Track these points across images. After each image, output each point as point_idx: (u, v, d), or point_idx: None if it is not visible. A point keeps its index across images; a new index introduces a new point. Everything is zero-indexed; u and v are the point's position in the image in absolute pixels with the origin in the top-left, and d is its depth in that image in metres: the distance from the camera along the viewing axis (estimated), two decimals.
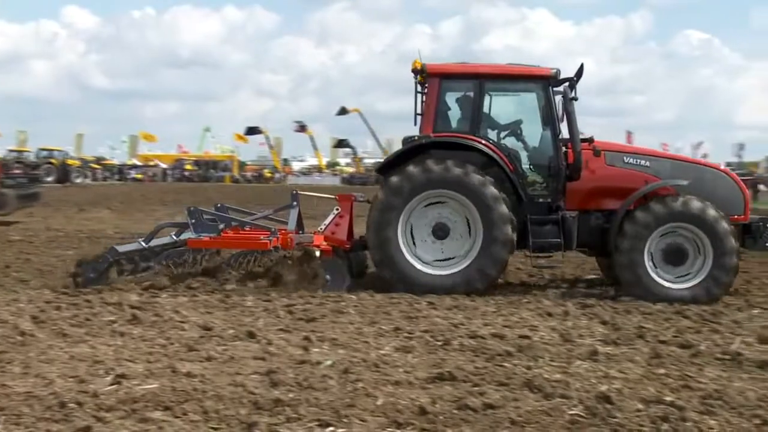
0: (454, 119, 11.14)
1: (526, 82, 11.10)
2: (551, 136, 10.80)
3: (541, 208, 10.76)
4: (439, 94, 10.88)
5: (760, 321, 8.65)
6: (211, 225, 10.88)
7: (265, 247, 10.39)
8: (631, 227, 10.22)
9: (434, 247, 10.57)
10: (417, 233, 10.55)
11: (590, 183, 10.79)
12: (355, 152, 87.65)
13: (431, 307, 9.20)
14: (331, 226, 10.94)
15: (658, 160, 11.07)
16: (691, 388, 5.91)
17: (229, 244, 10.86)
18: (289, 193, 11.94)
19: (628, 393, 5.75)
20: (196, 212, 10.89)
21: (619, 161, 10.92)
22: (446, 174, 10.27)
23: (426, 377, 6.16)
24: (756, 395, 5.71)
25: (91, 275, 10.32)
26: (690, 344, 7.37)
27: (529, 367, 6.48)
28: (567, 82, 10.83)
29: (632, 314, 8.98)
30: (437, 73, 10.91)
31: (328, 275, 10.33)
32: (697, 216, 10.16)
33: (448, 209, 10.53)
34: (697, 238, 10.21)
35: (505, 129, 11.24)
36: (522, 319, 8.57)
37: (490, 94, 11.00)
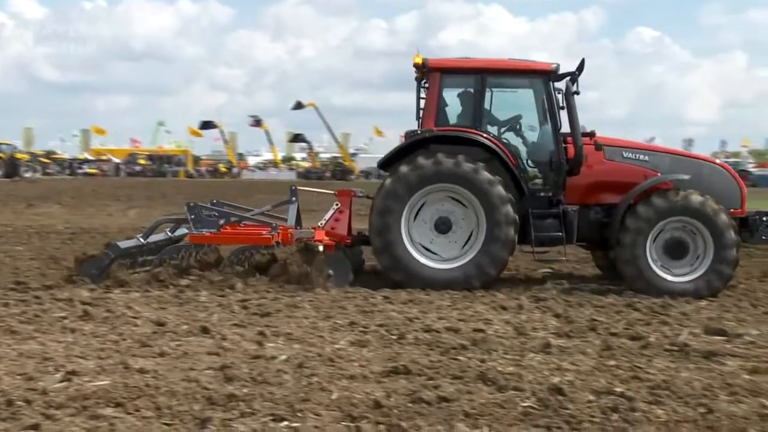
0: (455, 113, 11.16)
1: (528, 77, 11.12)
2: (552, 130, 10.85)
3: (542, 202, 10.82)
4: (441, 88, 10.88)
5: (707, 312, 8.85)
6: (211, 220, 10.81)
7: (268, 242, 10.38)
8: (633, 222, 10.29)
9: (436, 241, 10.57)
10: (419, 227, 10.56)
11: (590, 177, 10.88)
12: (310, 147, 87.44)
13: (387, 302, 9.22)
14: (331, 222, 10.93)
15: (656, 155, 11.18)
16: (640, 379, 6.01)
17: (232, 239, 10.87)
18: (243, 187, 11.87)
19: (579, 385, 5.83)
20: (195, 208, 10.81)
21: (618, 156, 10.99)
22: (456, 169, 10.26)
23: (381, 371, 6.18)
24: (701, 385, 5.84)
25: (93, 272, 10.22)
26: (640, 336, 7.49)
27: (483, 360, 6.53)
28: (568, 76, 10.83)
29: (585, 307, 9.10)
30: (438, 68, 10.91)
31: (331, 270, 10.31)
32: (698, 210, 10.24)
33: (450, 203, 10.55)
34: (698, 232, 10.31)
35: (506, 123, 11.27)
36: (476, 313, 8.63)
37: (491, 89, 11.00)
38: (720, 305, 9.31)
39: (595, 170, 10.88)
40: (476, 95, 10.83)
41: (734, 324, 8.17)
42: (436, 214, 10.56)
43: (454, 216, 10.54)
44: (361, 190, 11.50)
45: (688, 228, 10.35)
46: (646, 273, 10.28)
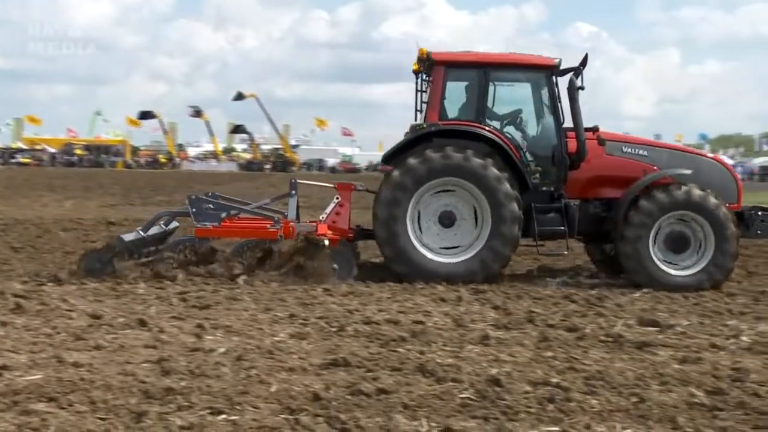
0: (459, 107, 11.15)
1: (531, 71, 11.15)
2: (555, 124, 10.88)
3: (545, 197, 10.87)
4: (444, 82, 10.84)
5: (641, 304, 9.05)
6: (212, 213, 10.68)
7: (274, 236, 10.32)
8: (636, 216, 10.36)
9: (440, 235, 10.58)
10: (423, 221, 10.55)
11: (590, 172, 10.93)
12: (252, 138, 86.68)
13: (327, 294, 9.22)
14: (332, 215, 10.83)
15: (655, 150, 11.31)
16: (576, 370, 6.12)
17: (237, 232, 10.83)
18: (183, 178, 11.73)
19: (517, 376, 5.91)
20: (197, 201, 10.70)
21: (618, 150, 11.07)
22: (465, 164, 10.25)
23: (320, 363, 6.17)
24: (634, 375, 5.97)
25: (97, 265, 10.07)
26: (576, 327, 7.62)
27: (423, 352, 6.57)
28: (571, 71, 10.88)
29: (523, 299, 9.23)
30: (443, 62, 10.88)
31: (335, 264, 10.31)
32: (700, 204, 10.36)
33: (455, 198, 10.55)
34: (698, 226, 10.44)
35: (510, 117, 11.29)
36: (416, 305, 8.68)
37: (494, 83, 10.96)
38: (653, 297, 9.52)
39: (595, 165, 10.93)
40: (480, 89, 10.84)
41: (666, 315, 8.37)
42: (440, 208, 10.58)
43: (458, 210, 10.57)
44: (362, 184, 11.42)
45: (689, 222, 10.49)
46: (649, 267, 10.39)
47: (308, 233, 10.31)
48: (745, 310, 8.79)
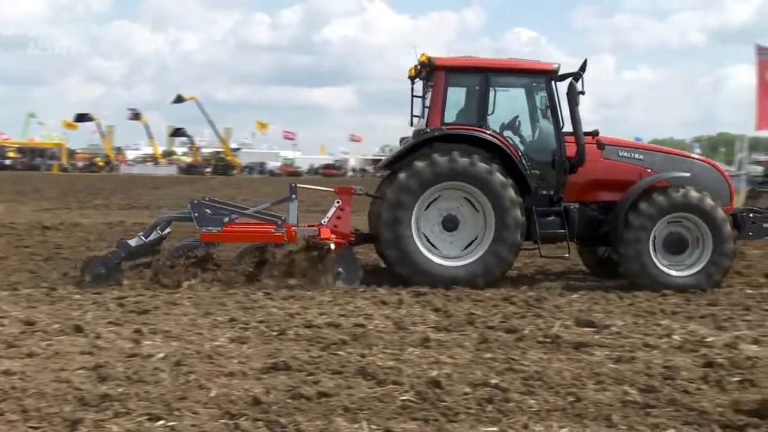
0: (459, 112, 11.20)
1: (531, 77, 11.21)
2: (554, 129, 10.99)
3: (544, 200, 10.96)
4: (446, 87, 10.90)
5: (578, 305, 9.20)
6: (214, 218, 10.56)
7: (280, 240, 10.30)
8: (636, 219, 10.52)
9: (445, 239, 10.64)
10: (427, 224, 10.60)
11: (588, 176, 11.07)
12: (192, 141, 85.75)
13: (267, 298, 9.17)
14: (333, 220, 10.77)
15: (651, 154, 11.53)
16: (514, 371, 6.20)
17: (243, 237, 10.76)
18: (121, 181, 11.54)
19: (457, 377, 5.96)
20: (199, 205, 10.59)
21: (614, 154, 11.23)
22: (471, 169, 10.33)
23: (260, 367, 6.14)
24: (571, 374, 6.08)
25: (102, 271, 9.91)
26: (515, 329, 7.71)
27: (363, 355, 6.59)
28: (570, 76, 10.97)
29: (463, 302, 9.31)
30: (444, 67, 10.93)
31: (341, 269, 10.28)
32: (697, 206, 10.57)
33: (457, 201, 10.62)
34: (696, 227, 10.63)
35: (510, 122, 11.34)
36: (357, 308, 8.69)
37: (495, 88, 11.02)
38: (590, 298, 9.69)
39: (593, 168, 11.05)
40: (481, 94, 10.94)
41: (602, 316, 8.53)
42: (444, 211, 10.64)
43: (462, 214, 10.64)
44: (361, 188, 11.35)
45: (687, 223, 10.67)
46: (650, 269, 10.54)
47: (312, 237, 10.29)
48: (677, 309, 9.01)
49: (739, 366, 6.37)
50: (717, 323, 8.23)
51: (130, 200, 30.44)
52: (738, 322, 8.35)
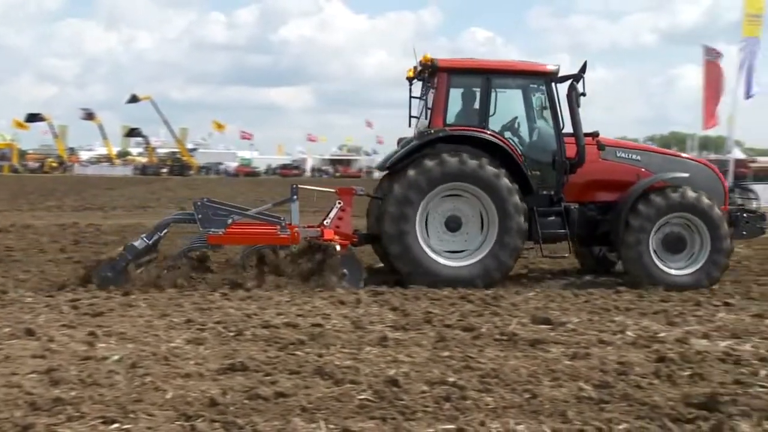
0: (462, 113, 11.23)
1: (532, 78, 11.27)
2: (555, 130, 11.07)
3: (545, 200, 11.05)
4: (448, 88, 10.97)
5: (534, 303, 9.29)
6: (218, 220, 10.46)
7: (286, 242, 10.31)
8: (636, 221, 10.69)
9: (447, 239, 10.71)
10: (430, 223, 10.66)
11: (587, 176, 11.17)
12: (147, 141, 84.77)
13: (224, 298, 9.11)
14: (335, 221, 10.73)
15: (648, 154, 11.72)
16: (471, 369, 6.24)
17: (249, 239, 10.65)
18: (74, 182, 11.35)
19: (414, 376, 5.99)
20: (203, 207, 10.47)
21: (612, 155, 11.36)
22: (479, 171, 10.40)
23: (217, 368, 6.10)
24: (527, 372, 6.14)
25: (108, 274, 9.78)
26: (473, 327, 7.76)
27: (321, 355, 6.58)
28: (570, 78, 11.07)
29: (421, 300, 9.34)
30: (446, 68, 10.98)
31: (345, 270, 10.22)
32: (695, 205, 10.75)
33: (461, 202, 10.68)
34: (694, 226, 10.82)
35: (511, 123, 11.39)
36: (315, 308, 8.67)
37: (496, 89, 11.07)
38: (546, 296, 9.79)
39: (592, 169, 11.15)
40: (483, 95, 10.99)
41: (558, 313, 8.62)
42: (448, 211, 10.71)
43: (465, 215, 10.71)
44: (362, 188, 11.38)
45: (684, 223, 10.85)
46: (651, 269, 10.71)
47: (316, 239, 10.32)
48: (630, 306, 9.16)
49: (690, 360, 6.51)
50: (669, 319, 8.38)
51: (84, 201, 29.98)
52: (689, 317, 8.51)
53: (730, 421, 4.97)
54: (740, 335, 7.59)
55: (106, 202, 29.83)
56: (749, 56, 26.60)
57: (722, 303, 9.40)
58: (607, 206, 11.17)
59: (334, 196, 11.03)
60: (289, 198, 10.95)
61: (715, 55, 29.67)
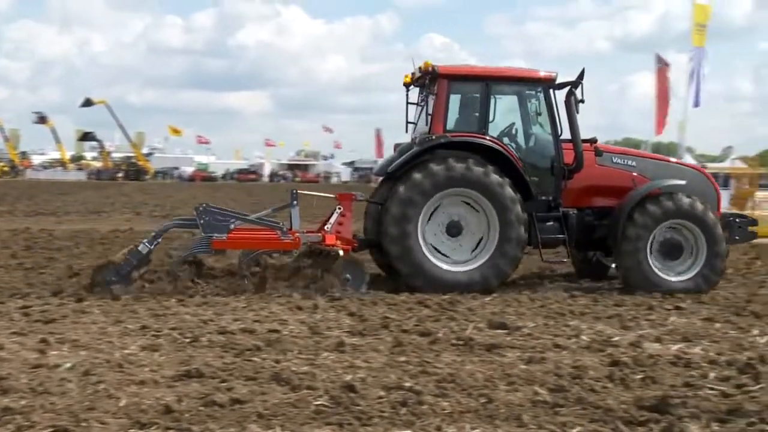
0: (461, 119, 11.30)
1: (530, 85, 11.35)
2: (553, 136, 11.13)
3: (543, 206, 11.13)
4: (448, 94, 11.03)
5: (491, 308, 9.35)
6: (220, 225, 10.46)
7: (291, 247, 10.38)
8: (633, 230, 10.77)
9: (447, 245, 10.75)
10: (431, 227, 10.72)
11: (583, 182, 11.26)
12: (102, 146, 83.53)
13: (180, 304, 9.03)
14: (336, 226, 10.72)
15: (642, 160, 11.82)
16: (428, 373, 6.26)
17: (254, 244, 10.64)
18: (26, 187, 11.13)
19: (371, 381, 5.99)
20: (206, 212, 10.50)
21: (608, 161, 11.48)
22: (484, 178, 10.49)
23: (172, 375, 6.03)
24: (484, 376, 6.18)
25: (112, 279, 9.77)
26: (429, 332, 7.80)
27: (278, 361, 6.55)
28: (568, 85, 11.17)
29: (378, 306, 9.34)
30: (447, 75, 11.04)
31: (348, 275, 10.32)
32: (689, 211, 10.87)
33: (463, 208, 10.75)
34: (689, 232, 10.94)
35: (510, 128, 11.45)
36: (272, 314, 8.63)
37: (495, 96, 11.18)
38: (503, 300, 9.86)
39: (588, 174, 11.24)
40: (482, 101, 11.06)
41: (514, 318, 8.70)
42: (449, 217, 10.77)
43: (466, 221, 10.77)
44: (362, 194, 11.42)
45: (681, 229, 10.96)
46: (650, 277, 10.80)
47: (317, 243, 10.33)
48: (585, 310, 9.27)
49: (642, 364, 6.62)
50: (623, 323, 8.50)
51: (37, 206, 29.45)
52: (642, 321, 8.65)
53: (680, 423, 5.07)
54: (691, 338, 7.73)
55: (59, 207, 29.33)
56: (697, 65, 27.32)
57: (674, 307, 9.56)
58: (603, 211, 11.31)
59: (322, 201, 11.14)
60: (288, 203, 10.98)
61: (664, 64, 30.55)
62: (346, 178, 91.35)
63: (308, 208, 12.32)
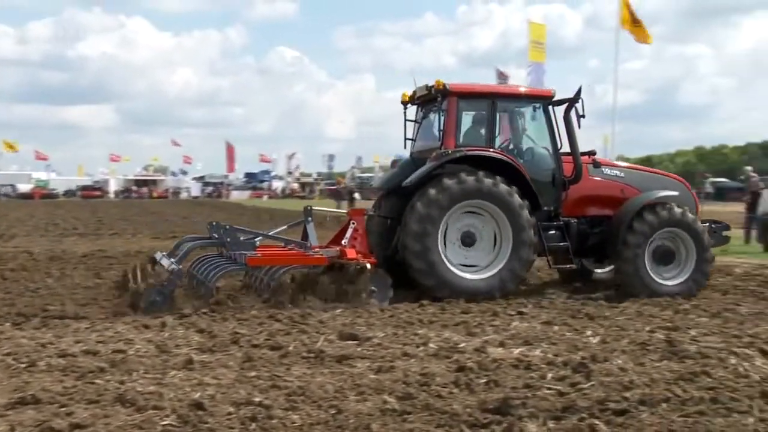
0: (470, 134, 11.86)
1: (531, 101, 12.02)
2: (553, 149, 11.82)
3: (545, 216, 11.76)
4: (459, 111, 11.59)
5: (342, 319, 9.42)
6: (246, 242, 11.02)
7: (323, 262, 10.68)
8: (633, 238, 11.50)
9: (463, 254, 11.30)
10: (448, 243, 11.24)
11: (579, 192, 12.00)
12: None
13: (16, 328, 8.57)
14: (351, 240, 11.08)
15: (629, 171, 12.70)
16: (279, 387, 6.24)
17: (287, 260, 10.92)
18: None
19: (220, 398, 5.90)
20: (231, 230, 11.05)
21: (599, 172, 12.26)
22: (493, 189, 11.08)
23: (5, 403, 5.70)
24: (334, 387, 6.22)
25: (157, 299, 9.87)
26: (280, 346, 7.76)
27: (123, 382, 6.33)
28: (566, 102, 11.80)
29: (228, 321, 9.21)
30: (457, 93, 11.58)
31: (374, 287, 10.60)
32: (681, 220, 11.70)
33: (475, 219, 11.32)
34: (680, 239, 11.78)
35: (514, 143, 12.12)
36: (117, 333, 8.34)
37: (500, 112, 11.84)
38: (353, 312, 9.92)
39: (582, 186, 11.97)
40: (489, 117, 11.65)
41: (365, 328, 8.79)
42: (463, 228, 11.30)
43: (479, 231, 11.34)
44: (372, 209, 12.07)
45: (672, 237, 11.78)
46: (648, 282, 11.53)
47: (342, 258, 10.70)
48: (433, 319, 9.51)
49: (486, 368, 6.86)
50: (468, 330, 8.78)
51: None
52: (487, 327, 8.96)
53: (520, 422, 5.29)
54: (532, 342, 8.09)
55: None
56: (535, 80, 29.05)
57: (516, 312, 9.97)
58: (595, 220, 12.12)
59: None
60: (303, 220, 11.56)
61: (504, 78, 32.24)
62: (196, 193, 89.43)
63: None
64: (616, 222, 11.82)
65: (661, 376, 6.54)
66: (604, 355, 7.27)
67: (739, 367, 6.75)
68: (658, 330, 8.76)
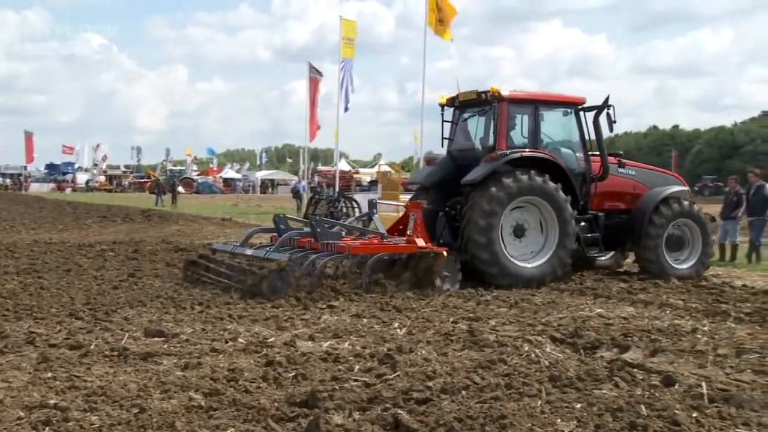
0: (517, 136, 13.30)
1: (568, 106, 13.63)
2: (583, 149, 13.59)
3: (578, 210, 13.30)
4: (509, 115, 12.99)
5: (148, 316, 9.16)
6: (334, 232, 12.05)
7: (413, 250, 11.58)
8: (653, 229, 13.64)
9: (515, 245, 12.77)
10: (505, 235, 12.66)
11: (602, 188, 13.81)
12: None
13: None
14: (414, 231, 12.05)
15: (638, 170, 14.58)
16: (77, 388, 5.96)
17: (383, 249, 11.65)
18: None
19: (10, 402, 5.56)
20: (319, 222, 12.03)
21: (615, 171, 13.96)
22: (544, 186, 12.60)
23: None
24: (137, 386, 6.02)
25: (279, 284, 10.57)
26: (80, 345, 7.42)
27: None
28: (595, 108, 13.39)
29: (23, 320, 8.70)
30: (508, 99, 12.93)
31: (447, 272, 11.72)
32: (690, 211, 14.02)
33: (524, 212, 12.82)
34: (688, 228, 14.04)
35: (554, 144, 13.61)
36: None
37: (541, 116, 13.28)
38: (160, 308, 9.65)
39: (605, 183, 13.75)
40: (534, 121, 13.12)
41: (172, 325, 8.59)
42: (515, 221, 12.78)
43: (528, 223, 12.89)
44: (428, 202, 13.10)
45: (682, 226, 13.97)
46: (666, 267, 13.68)
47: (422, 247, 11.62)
48: (243, 314, 9.42)
49: (295, 362, 6.89)
50: (278, 324, 8.78)
51: None
52: (297, 321, 9.01)
53: (326, 415, 5.36)
54: (341, 335, 8.22)
55: None
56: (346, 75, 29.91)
57: (327, 306, 10.08)
58: (612, 214, 13.93)
59: None
60: (369, 212, 13.27)
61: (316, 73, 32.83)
62: None
63: None
64: (637, 215, 13.79)
65: (462, 364, 6.85)
66: (409, 346, 7.51)
67: (531, 354, 7.19)
68: (461, 321, 9.17)
